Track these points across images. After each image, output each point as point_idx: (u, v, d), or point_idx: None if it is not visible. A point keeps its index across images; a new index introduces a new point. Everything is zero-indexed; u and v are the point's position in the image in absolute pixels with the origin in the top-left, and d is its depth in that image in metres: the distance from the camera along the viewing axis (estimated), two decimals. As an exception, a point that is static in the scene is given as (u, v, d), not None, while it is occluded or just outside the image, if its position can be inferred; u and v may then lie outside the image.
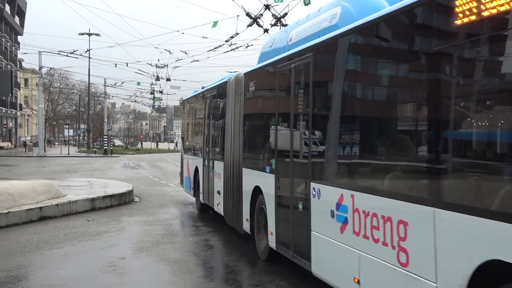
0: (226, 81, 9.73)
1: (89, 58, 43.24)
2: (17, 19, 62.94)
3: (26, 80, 71.78)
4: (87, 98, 65.59)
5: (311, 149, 5.80)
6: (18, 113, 68.69)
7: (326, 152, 5.53)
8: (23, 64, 68.97)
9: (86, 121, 66.06)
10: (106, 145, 53.47)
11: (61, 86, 74.89)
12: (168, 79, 38.91)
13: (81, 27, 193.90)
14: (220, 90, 10.24)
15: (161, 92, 48.88)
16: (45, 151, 47.66)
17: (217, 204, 10.00)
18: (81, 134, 72.22)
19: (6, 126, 62.20)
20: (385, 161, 4.62)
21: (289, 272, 6.75)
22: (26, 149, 49.19)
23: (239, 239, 9.13)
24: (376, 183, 4.61)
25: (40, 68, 43.57)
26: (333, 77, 5.41)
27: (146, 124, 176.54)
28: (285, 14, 21.66)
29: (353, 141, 5.16)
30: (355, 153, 5.08)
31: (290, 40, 7.23)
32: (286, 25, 23.15)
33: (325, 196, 5.38)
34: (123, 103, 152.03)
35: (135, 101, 55.80)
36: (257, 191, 7.71)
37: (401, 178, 4.31)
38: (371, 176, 4.82)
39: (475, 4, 3.27)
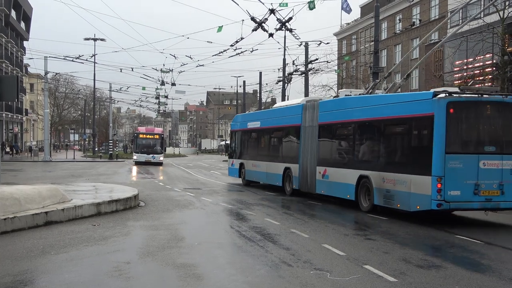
0: None
1: (95, 63, 43.45)
2: (22, 24, 63.29)
3: (31, 85, 72.13)
4: (92, 103, 65.80)
5: None
6: (24, 118, 69.01)
7: None
8: (29, 69, 69.35)
9: (91, 126, 66.24)
10: (111, 149, 53.59)
11: (66, 91, 75.25)
12: (173, 84, 39.11)
13: (86, 32, 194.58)
14: None
15: (166, 97, 49.09)
16: (50, 156, 47.82)
17: None
18: (87, 139, 72.41)
19: (12, 131, 62.48)
20: None
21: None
22: (32, 154, 49.39)
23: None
24: None
25: (46, 73, 43.77)
26: None
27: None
28: (290, 18, 21.75)
29: None
30: None
31: None
32: (291, 29, 23.19)
33: None
34: (128, 108, 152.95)
35: (140, 105, 56.10)
36: None
37: None
38: None
39: None
